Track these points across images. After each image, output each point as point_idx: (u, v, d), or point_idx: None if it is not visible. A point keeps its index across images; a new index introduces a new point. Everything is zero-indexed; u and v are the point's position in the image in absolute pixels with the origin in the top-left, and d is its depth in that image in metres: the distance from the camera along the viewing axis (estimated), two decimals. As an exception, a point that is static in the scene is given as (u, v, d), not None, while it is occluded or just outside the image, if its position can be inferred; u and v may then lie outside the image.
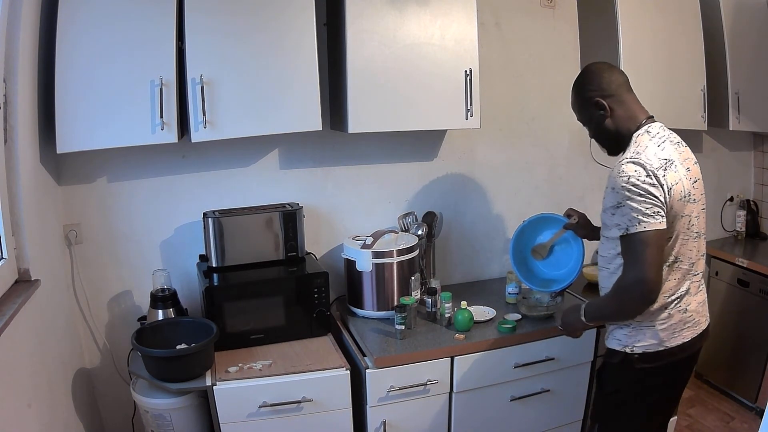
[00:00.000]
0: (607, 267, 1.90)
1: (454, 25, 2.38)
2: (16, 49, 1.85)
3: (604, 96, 1.85)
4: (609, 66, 1.93)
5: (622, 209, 1.72)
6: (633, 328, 1.84)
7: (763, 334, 2.96)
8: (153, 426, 2.15)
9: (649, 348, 1.82)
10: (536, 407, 2.40)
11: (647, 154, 1.74)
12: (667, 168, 1.74)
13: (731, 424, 3.00)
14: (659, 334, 1.81)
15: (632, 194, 1.69)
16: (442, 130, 2.78)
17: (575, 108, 1.97)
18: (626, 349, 1.84)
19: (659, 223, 1.70)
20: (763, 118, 3.06)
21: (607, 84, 1.85)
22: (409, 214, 2.70)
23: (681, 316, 1.82)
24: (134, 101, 2.07)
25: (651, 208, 1.69)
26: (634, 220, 1.70)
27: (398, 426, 2.22)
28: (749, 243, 3.37)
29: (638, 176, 1.70)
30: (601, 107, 1.85)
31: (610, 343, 1.91)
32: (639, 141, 1.80)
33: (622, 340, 1.86)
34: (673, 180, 1.74)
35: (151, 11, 2.06)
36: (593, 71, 1.90)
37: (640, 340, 1.83)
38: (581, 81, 1.93)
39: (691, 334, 1.85)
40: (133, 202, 2.46)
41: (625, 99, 1.86)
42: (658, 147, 1.78)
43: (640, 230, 1.69)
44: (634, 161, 1.73)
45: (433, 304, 2.44)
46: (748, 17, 2.96)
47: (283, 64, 2.21)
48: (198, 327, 2.17)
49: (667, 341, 1.82)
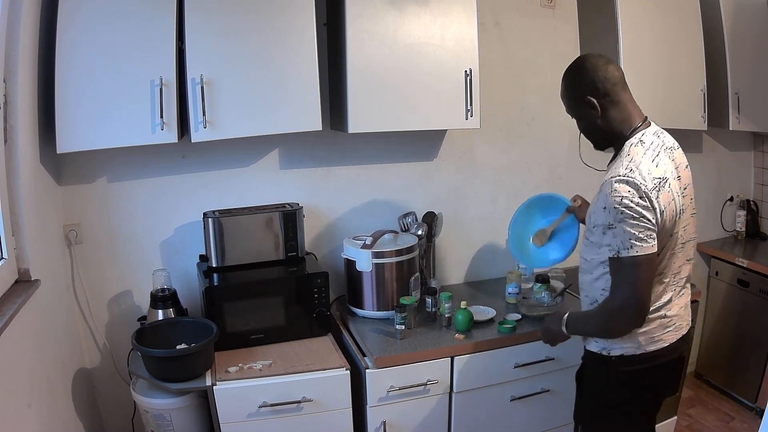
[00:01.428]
0: (591, 273, 1.84)
1: (454, 25, 2.39)
2: (16, 49, 1.85)
3: (597, 95, 1.74)
4: (605, 60, 1.78)
5: (614, 230, 1.65)
6: None
7: (763, 334, 2.96)
8: (153, 426, 2.15)
9: (627, 351, 1.78)
10: (536, 407, 2.40)
11: (641, 172, 1.66)
12: (661, 188, 1.67)
13: (731, 424, 3.00)
14: (638, 338, 1.77)
15: (625, 216, 1.63)
16: (442, 130, 2.78)
17: (564, 99, 1.85)
18: (604, 352, 1.81)
19: (651, 246, 1.65)
20: (763, 118, 3.05)
21: (601, 82, 1.73)
22: (409, 214, 2.69)
23: (661, 321, 1.78)
24: (134, 101, 2.07)
25: (644, 232, 1.63)
26: (626, 243, 1.64)
27: (398, 426, 2.22)
28: (749, 243, 3.36)
29: (631, 198, 1.63)
30: (593, 107, 1.75)
31: (590, 345, 1.88)
32: (632, 153, 1.71)
33: (600, 342, 1.82)
34: (666, 201, 1.68)
35: (151, 11, 2.06)
36: (587, 67, 1.77)
37: (618, 344, 1.78)
38: (573, 74, 1.80)
39: (672, 338, 1.80)
40: (133, 202, 2.46)
41: (620, 99, 1.76)
42: (652, 162, 1.70)
43: (632, 254, 1.64)
44: (628, 181, 1.64)
45: (433, 304, 2.44)
46: (748, 17, 2.96)
47: (283, 64, 2.21)
48: (198, 327, 2.17)
49: (646, 346, 1.77)
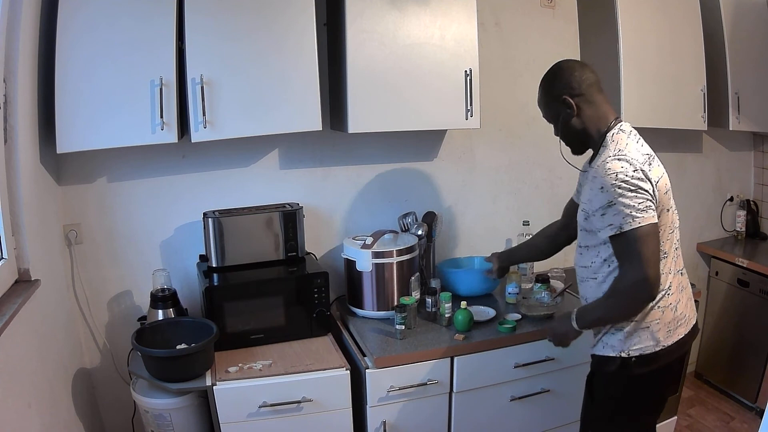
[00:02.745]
0: (594, 277, 1.85)
1: (454, 25, 2.38)
2: (16, 49, 1.85)
3: (572, 95, 1.82)
4: (581, 64, 1.90)
5: (613, 207, 1.68)
6: (627, 332, 1.80)
7: (763, 334, 2.96)
8: (153, 426, 2.15)
9: (645, 350, 1.79)
10: (536, 407, 2.40)
11: (630, 150, 1.74)
12: (651, 163, 1.75)
13: (731, 424, 3.00)
14: (656, 334, 1.79)
15: (623, 190, 1.67)
16: (442, 130, 2.78)
17: (542, 104, 1.92)
18: (622, 354, 1.80)
19: (652, 217, 1.68)
20: (763, 118, 3.05)
21: (577, 83, 1.82)
22: (409, 214, 2.69)
23: (673, 315, 1.81)
24: (134, 101, 2.07)
25: (643, 203, 1.67)
26: (627, 217, 1.67)
27: (398, 426, 2.22)
28: (749, 243, 3.37)
29: (626, 172, 1.68)
30: (569, 105, 1.82)
31: (603, 350, 1.86)
32: (617, 139, 1.78)
33: (617, 346, 1.81)
34: (657, 174, 1.75)
35: (151, 11, 2.06)
36: (563, 69, 1.86)
37: (636, 343, 1.79)
38: (550, 78, 1.88)
39: (684, 331, 1.84)
40: (133, 202, 2.45)
41: (595, 99, 1.83)
42: (638, 143, 1.79)
43: (635, 226, 1.66)
44: (619, 158, 1.71)
45: (433, 304, 2.44)
46: (748, 17, 2.96)
47: (283, 64, 2.21)
48: (198, 327, 2.17)
49: (664, 340, 1.79)
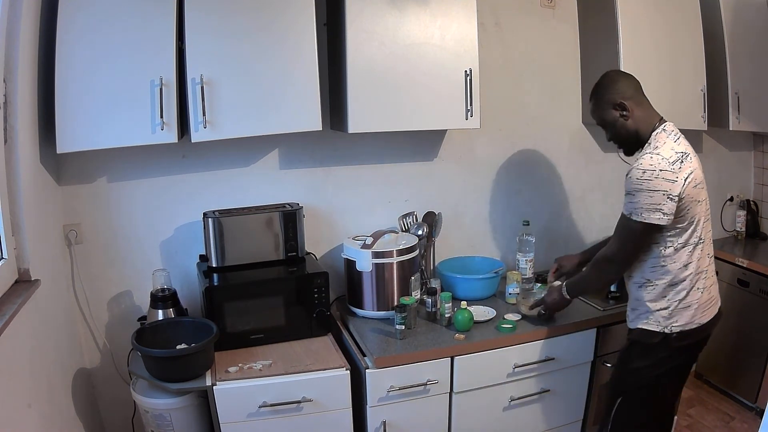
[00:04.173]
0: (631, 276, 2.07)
1: (454, 25, 2.38)
2: (16, 49, 1.85)
3: (625, 98, 2.01)
4: (625, 73, 2.12)
5: (631, 197, 1.91)
6: (671, 311, 1.99)
7: (763, 334, 2.96)
8: (153, 426, 2.15)
9: (685, 327, 1.99)
10: (536, 407, 2.40)
11: (664, 149, 1.92)
12: (684, 160, 1.91)
13: (731, 424, 3.00)
14: (694, 312, 1.99)
15: (644, 187, 1.87)
16: (442, 130, 2.77)
17: (596, 112, 2.10)
18: (665, 330, 1.99)
19: (657, 219, 1.89)
20: (763, 118, 3.05)
21: (625, 88, 2.03)
22: (409, 214, 2.69)
23: (708, 296, 2.03)
24: (134, 101, 2.07)
25: (656, 204, 1.87)
26: (638, 209, 1.90)
27: (398, 426, 2.22)
28: (749, 243, 3.37)
29: (653, 169, 1.87)
30: (624, 107, 2.02)
31: (648, 324, 2.02)
32: (658, 138, 1.97)
33: (661, 322, 2.00)
34: (689, 169, 1.91)
35: (151, 11, 2.06)
36: (612, 77, 2.08)
37: (677, 321, 1.99)
38: (603, 85, 2.08)
39: (714, 311, 2.06)
40: (133, 202, 2.45)
41: (642, 101, 2.04)
42: (675, 142, 1.96)
43: (638, 220, 1.91)
44: (652, 155, 1.90)
45: (433, 304, 2.44)
46: (748, 17, 2.96)
47: (283, 64, 2.21)
48: (198, 327, 2.17)
49: (699, 318, 2.00)
